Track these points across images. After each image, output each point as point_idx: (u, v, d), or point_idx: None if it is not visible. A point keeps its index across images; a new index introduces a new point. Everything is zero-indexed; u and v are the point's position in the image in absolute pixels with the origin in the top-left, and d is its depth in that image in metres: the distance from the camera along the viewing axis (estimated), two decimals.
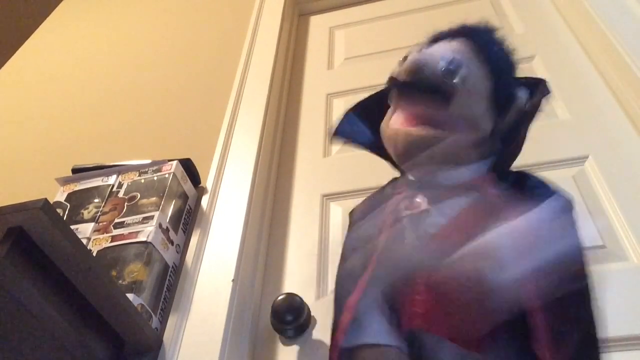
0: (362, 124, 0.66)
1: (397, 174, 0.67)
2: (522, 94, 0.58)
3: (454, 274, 0.49)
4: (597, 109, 1.02)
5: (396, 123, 0.59)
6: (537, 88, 0.58)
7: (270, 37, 1.37)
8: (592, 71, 1.09)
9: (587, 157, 0.94)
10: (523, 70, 0.61)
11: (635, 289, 0.75)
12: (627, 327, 0.71)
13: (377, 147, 0.64)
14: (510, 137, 0.58)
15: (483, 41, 0.58)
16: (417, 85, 0.56)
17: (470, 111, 0.56)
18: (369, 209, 0.66)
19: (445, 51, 0.57)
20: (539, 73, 1.13)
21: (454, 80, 0.55)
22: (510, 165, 0.61)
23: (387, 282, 0.59)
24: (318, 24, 1.57)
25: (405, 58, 0.59)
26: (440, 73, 0.55)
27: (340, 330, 0.56)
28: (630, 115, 0.98)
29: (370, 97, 0.67)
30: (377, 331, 0.56)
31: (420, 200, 0.58)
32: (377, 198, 0.66)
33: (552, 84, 0.59)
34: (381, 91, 0.66)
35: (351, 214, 0.69)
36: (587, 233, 0.80)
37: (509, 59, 0.59)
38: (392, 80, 0.60)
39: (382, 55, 1.34)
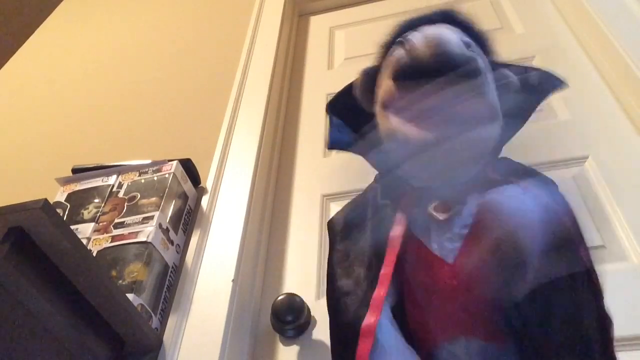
0: (347, 129, 0.61)
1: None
2: (510, 74, 0.55)
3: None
4: (597, 109, 1.02)
5: (411, 127, 0.51)
6: (543, 79, 0.56)
7: (270, 37, 1.36)
8: (592, 71, 1.09)
9: (587, 157, 0.93)
10: None
11: (635, 289, 0.75)
12: (627, 327, 0.71)
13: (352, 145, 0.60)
14: (511, 119, 0.55)
15: (461, 24, 0.56)
16: (450, 58, 0.49)
17: (494, 97, 0.52)
18: (355, 219, 0.60)
19: (450, 34, 0.52)
20: None
21: (478, 65, 0.50)
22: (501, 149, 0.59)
23: (396, 300, 0.56)
24: (318, 24, 1.57)
25: (402, 45, 0.54)
26: (464, 58, 0.50)
27: None
28: (630, 115, 0.98)
29: (339, 96, 0.62)
30: (406, 355, 0.52)
31: (450, 203, 0.54)
32: (361, 207, 0.61)
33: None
34: (348, 86, 0.62)
35: (331, 224, 0.62)
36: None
37: (488, 40, 0.57)
38: (401, 69, 0.52)
39: None
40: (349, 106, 0.61)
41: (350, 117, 0.61)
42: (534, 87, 0.56)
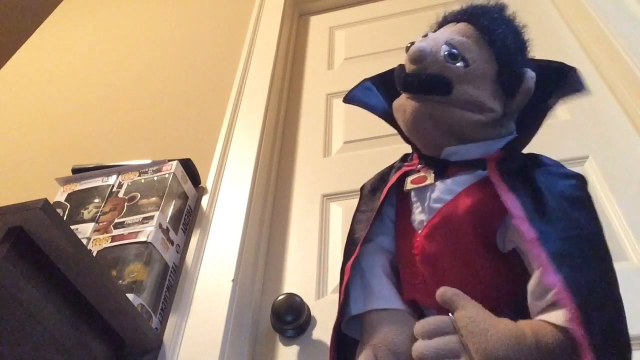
0: (377, 91, 0.66)
1: (409, 149, 0.68)
2: (530, 76, 0.56)
3: None
4: (597, 109, 1.02)
5: (403, 97, 0.60)
6: (565, 78, 0.56)
7: (270, 37, 1.36)
8: (592, 71, 1.09)
9: (587, 157, 0.93)
10: None
11: (635, 289, 0.75)
12: (628, 327, 0.70)
13: (388, 115, 0.64)
14: (528, 120, 0.58)
15: (488, 23, 0.58)
16: (419, 76, 0.56)
17: (474, 95, 0.55)
18: (377, 182, 0.68)
19: (449, 34, 0.57)
20: None
21: (457, 64, 0.55)
22: (522, 148, 0.60)
23: (393, 251, 0.63)
24: (318, 24, 1.57)
25: (412, 44, 0.59)
26: (442, 58, 0.55)
27: (343, 295, 0.58)
28: (630, 115, 0.98)
29: (382, 73, 0.68)
30: (388, 297, 0.58)
31: (424, 174, 0.59)
32: (387, 172, 0.68)
33: None
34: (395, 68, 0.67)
35: (361, 188, 0.70)
36: None
37: (518, 39, 0.59)
38: (399, 70, 0.60)
39: (382, 55, 1.34)
40: (387, 80, 0.66)
41: (387, 88, 0.66)
42: (551, 81, 0.57)
